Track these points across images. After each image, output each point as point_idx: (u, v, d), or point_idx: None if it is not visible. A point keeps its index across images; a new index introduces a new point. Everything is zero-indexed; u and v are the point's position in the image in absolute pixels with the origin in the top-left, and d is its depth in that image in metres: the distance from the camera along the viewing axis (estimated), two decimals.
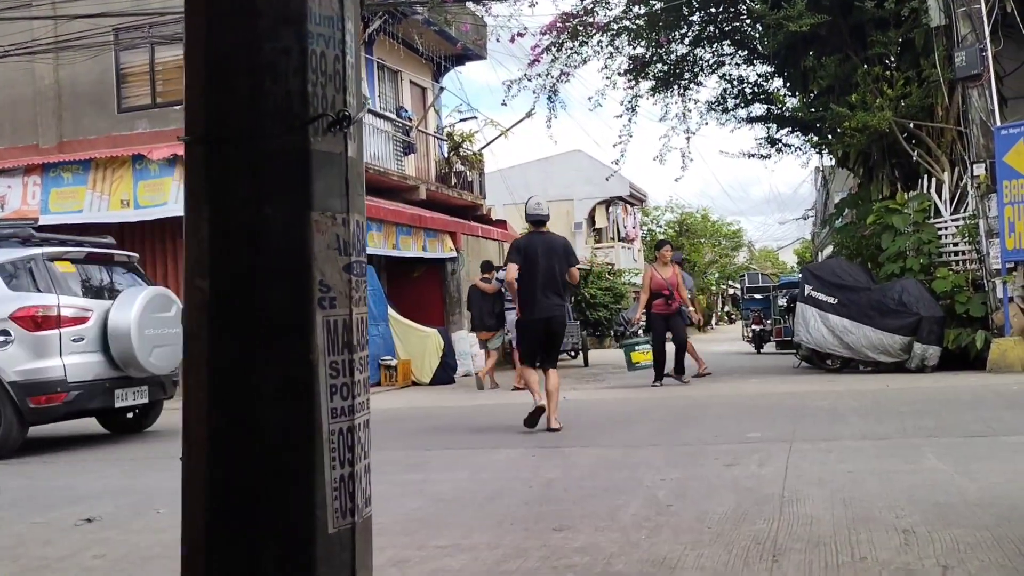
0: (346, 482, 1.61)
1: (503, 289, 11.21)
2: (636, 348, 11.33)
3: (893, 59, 12.74)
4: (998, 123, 10.65)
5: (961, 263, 11.29)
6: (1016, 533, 3.17)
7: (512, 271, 7.37)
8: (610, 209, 36.39)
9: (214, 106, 1.54)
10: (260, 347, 1.54)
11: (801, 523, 3.54)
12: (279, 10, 1.53)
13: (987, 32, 10.69)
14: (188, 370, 1.58)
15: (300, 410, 1.55)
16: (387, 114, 16.59)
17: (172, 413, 11.56)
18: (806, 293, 11.44)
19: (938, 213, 11.67)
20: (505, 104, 36.49)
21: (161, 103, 14.06)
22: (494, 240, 19.65)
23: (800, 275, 14.91)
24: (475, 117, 27.16)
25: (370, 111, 15.14)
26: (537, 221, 7.62)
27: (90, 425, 10.37)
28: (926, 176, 12.12)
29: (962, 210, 11.40)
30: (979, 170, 10.77)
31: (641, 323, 11.61)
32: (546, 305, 7.20)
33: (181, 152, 12.65)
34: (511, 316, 11.00)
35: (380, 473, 2.24)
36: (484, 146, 20.04)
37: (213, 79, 1.54)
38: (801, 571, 2.91)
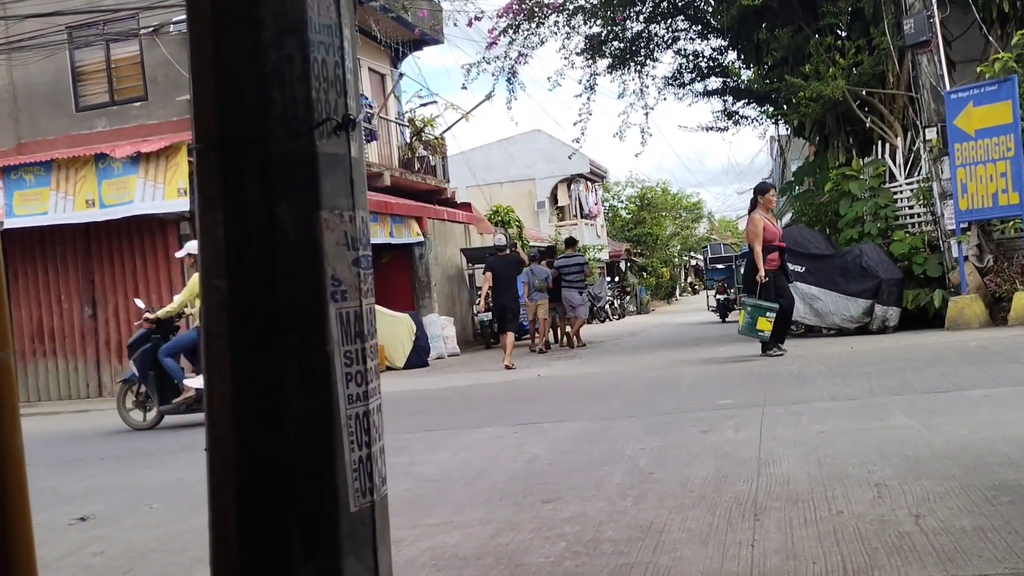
0: (364, 463, 1.71)
1: (560, 272, 15.35)
2: (766, 314, 9.32)
3: (844, 29, 13.00)
4: (947, 87, 10.93)
5: (917, 225, 11.60)
6: (982, 481, 3.35)
7: (488, 278, 13.44)
8: (572, 187, 36.55)
9: (224, 114, 1.61)
10: (279, 341, 1.62)
11: (779, 483, 3.70)
12: (281, 20, 1.61)
13: None
14: (211, 366, 1.67)
15: (320, 398, 1.64)
16: None
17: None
18: None
19: (893, 178, 11.96)
20: (465, 88, 36.45)
21: (120, 100, 13.89)
22: (460, 223, 19.69)
23: None
24: (435, 102, 27.07)
25: None
26: (500, 248, 13.99)
27: (62, 426, 10.32)
28: (880, 142, 12.41)
29: (916, 174, 11.70)
30: (931, 134, 11.06)
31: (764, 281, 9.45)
32: (504, 297, 13.00)
33: (144, 150, 12.64)
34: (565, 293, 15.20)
35: None
36: (445, 130, 20.05)
37: (222, 88, 1.61)
38: (782, 528, 3.06)
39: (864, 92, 12.54)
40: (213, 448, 1.67)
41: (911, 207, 11.67)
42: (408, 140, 19.11)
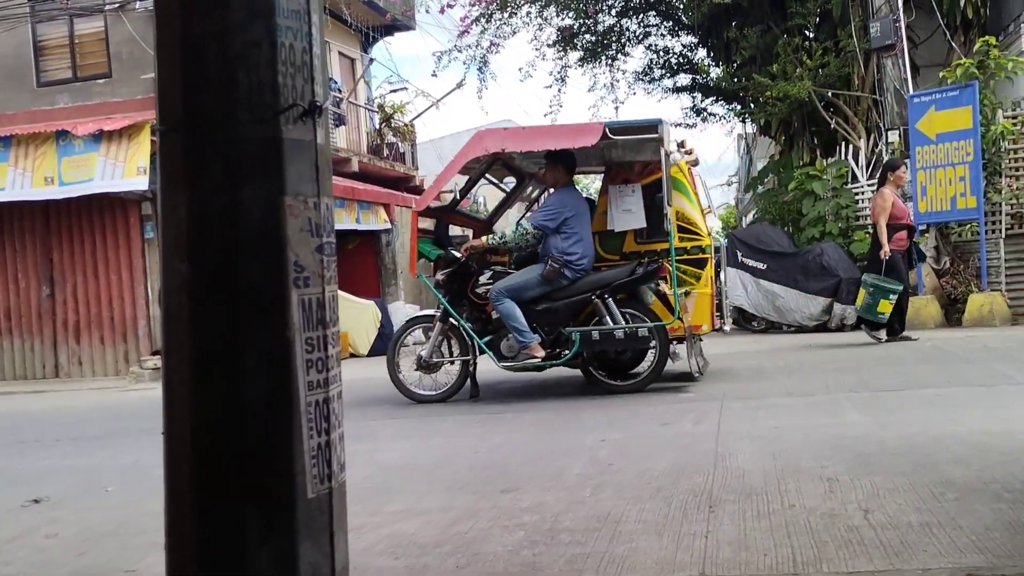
0: (323, 450, 1.71)
1: None
2: (889, 296, 8.59)
3: (812, 30, 13.17)
4: (911, 91, 11.12)
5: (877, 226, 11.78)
6: (930, 478, 3.43)
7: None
8: None
9: (189, 94, 1.60)
10: (240, 325, 1.62)
11: (734, 476, 3.77)
12: (248, 3, 1.60)
13: (900, 3, 11.12)
14: (170, 348, 1.66)
15: (279, 384, 1.64)
16: None
17: (103, 393, 11.38)
18: (739, 259, 11.80)
19: (855, 179, 12.15)
20: (435, 75, 36.26)
21: (83, 77, 13.62)
22: None
23: (726, 240, 15.34)
24: (405, 88, 26.89)
25: None
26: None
27: (17, 407, 10.15)
28: (844, 143, 12.59)
29: (878, 175, 11.88)
30: (893, 137, 11.26)
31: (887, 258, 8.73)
32: None
33: (107, 128, 12.39)
34: None
35: None
36: (415, 117, 19.95)
37: (187, 68, 1.60)
38: (735, 520, 3.12)
39: (830, 93, 12.72)
40: (170, 430, 1.67)
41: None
42: (377, 126, 19.00)
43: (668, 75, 16.36)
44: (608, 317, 6.65)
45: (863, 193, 12.00)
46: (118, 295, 13.47)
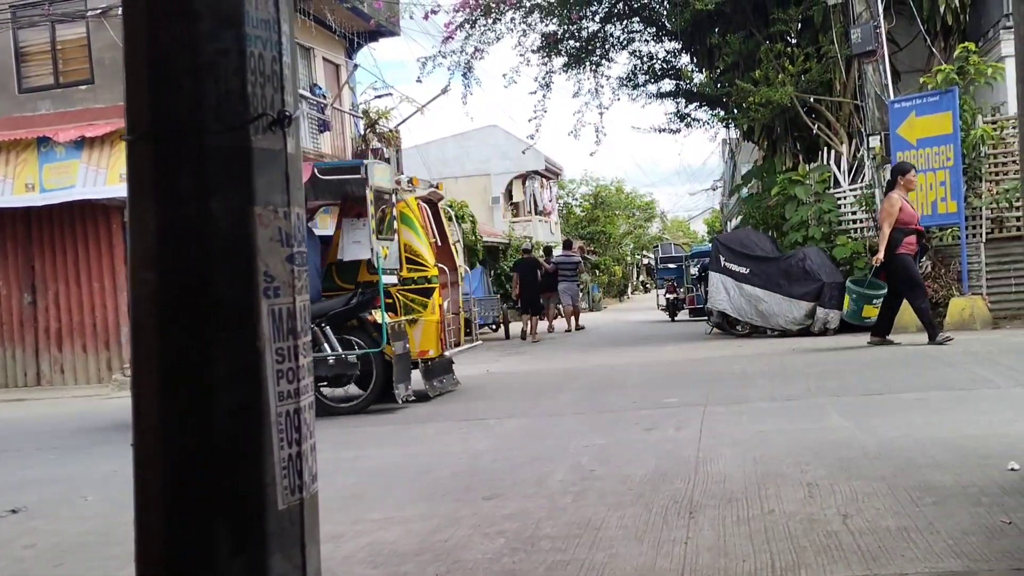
0: (294, 461, 1.71)
1: (557, 267, 18.02)
2: (874, 301, 8.76)
3: (794, 36, 13.25)
4: (892, 97, 11.19)
5: (859, 231, 11.86)
6: (909, 482, 3.45)
7: (516, 277, 17.55)
8: (527, 183, 36.54)
9: (158, 104, 1.60)
10: (209, 335, 1.61)
11: (715, 481, 3.77)
12: (217, 12, 1.60)
13: (880, 9, 11.20)
14: (138, 359, 1.65)
15: (249, 394, 1.63)
16: (301, 92, 16.34)
17: (85, 401, 11.29)
18: (722, 264, 11.83)
19: (837, 183, 12.22)
20: (420, 81, 36.21)
21: (65, 83, 13.54)
22: None
23: (711, 245, 15.41)
24: (390, 94, 26.79)
25: None
26: (526, 251, 18.86)
27: (0, 416, 10.06)
28: (826, 148, 12.67)
29: (859, 180, 11.97)
30: (874, 142, 11.31)
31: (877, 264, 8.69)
32: (528, 290, 16.92)
33: (89, 134, 12.32)
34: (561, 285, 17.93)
35: None
36: (400, 123, 19.95)
37: (156, 77, 1.60)
38: (715, 526, 3.12)
39: (812, 99, 12.79)
40: (139, 441, 1.66)
41: (854, 213, 11.93)
42: (362, 132, 18.98)
43: (652, 81, 16.42)
44: (326, 344, 6.99)
45: (845, 198, 12.07)
46: (100, 302, 13.37)
